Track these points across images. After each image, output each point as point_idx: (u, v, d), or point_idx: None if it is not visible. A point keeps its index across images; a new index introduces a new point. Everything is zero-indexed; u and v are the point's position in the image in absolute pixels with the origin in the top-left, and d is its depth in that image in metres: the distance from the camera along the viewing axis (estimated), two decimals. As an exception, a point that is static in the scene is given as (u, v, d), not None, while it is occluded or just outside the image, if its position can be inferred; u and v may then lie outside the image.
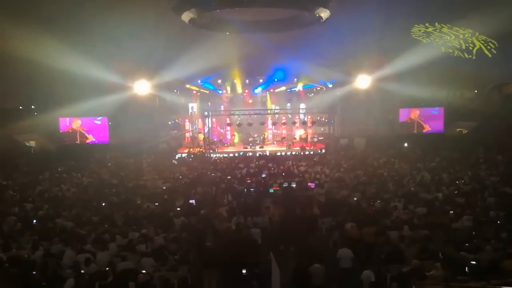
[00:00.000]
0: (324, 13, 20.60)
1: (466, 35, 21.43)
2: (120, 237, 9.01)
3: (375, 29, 20.51)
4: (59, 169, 19.23)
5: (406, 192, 12.92)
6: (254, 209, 11.37)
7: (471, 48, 21.88)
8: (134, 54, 22.11)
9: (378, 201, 11.95)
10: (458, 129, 26.74)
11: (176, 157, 24.55)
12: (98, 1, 17.65)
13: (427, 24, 21.59)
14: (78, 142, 25.31)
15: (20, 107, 26.34)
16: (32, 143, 25.54)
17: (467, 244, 7.91)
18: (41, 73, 20.43)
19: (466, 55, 22.25)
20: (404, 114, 26.60)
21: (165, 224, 10.08)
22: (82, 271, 7.31)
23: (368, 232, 9.03)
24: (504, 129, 21.92)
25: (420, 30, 21.91)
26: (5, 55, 18.29)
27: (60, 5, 17.34)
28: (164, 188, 15.24)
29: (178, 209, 11.77)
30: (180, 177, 17.42)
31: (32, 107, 27.06)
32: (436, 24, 21.42)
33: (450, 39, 22.01)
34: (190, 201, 12.59)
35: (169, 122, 30.79)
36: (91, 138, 25.60)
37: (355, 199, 12.46)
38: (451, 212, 10.35)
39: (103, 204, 12.53)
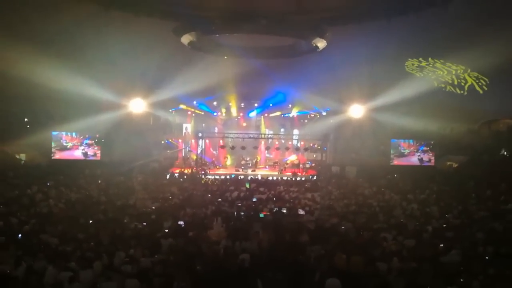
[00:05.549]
0: (321, 43, 21.04)
1: (459, 71, 21.96)
2: (106, 256, 8.85)
3: (368, 60, 20.96)
4: (48, 184, 19.00)
5: (395, 223, 12.92)
6: (243, 233, 11.27)
7: (463, 84, 22.38)
8: (130, 72, 22.29)
9: (367, 231, 11.92)
10: (448, 163, 27.02)
11: (167, 177, 24.43)
12: (94, 20, 17.80)
13: (420, 59, 22.11)
14: (73, 158, 25.19)
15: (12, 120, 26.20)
16: (23, 156, 25.29)
17: (455, 279, 7.88)
18: (35, 89, 20.45)
19: (458, 91, 22.73)
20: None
21: (152, 245, 9.92)
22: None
23: (357, 262, 8.96)
24: (493, 164, 22.20)
25: (413, 64, 22.41)
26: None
27: (56, 25, 17.47)
28: (153, 208, 15.08)
29: (166, 230, 11.62)
30: (170, 197, 17.28)
31: (25, 119, 26.92)
32: (430, 59, 21.95)
33: (443, 74, 22.51)
34: (179, 223, 12.45)
35: (162, 142, 30.75)
36: (87, 155, 25.59)
37: (342, 227, 12.42)
38: (441, 245, 10.34)
39: (90, 221, 12.35)
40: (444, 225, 12.79)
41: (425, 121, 25.30)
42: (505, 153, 23.48)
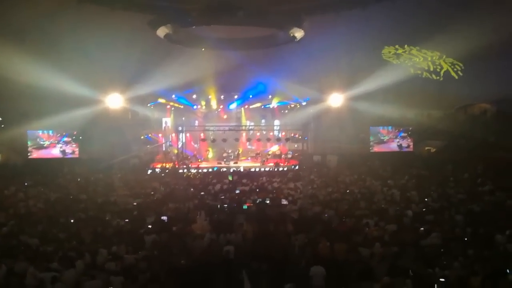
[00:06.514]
0: (298, 33, 21.03)
1: (434, 58, 22.32)
2: (88, 255, 8.72)
3: (346, 49, 21.09)
4: (26, 184, 18.57)
5: (377, 209, 13.11)
6: (227, 225, 11.27)
7: (438, 70, 22.77)
8: (107, 67, 21.78)
9: (350, 218, 12.07)
10: (426, 148, 27.53)
11: (148, 172, 24.18)
12: (68, 13, 17.27)
13: (397, 46, 22.37)
14: (51, 157, 24.67)
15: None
16: (-2, 156, 24.64)
17: (436, 261, 8.07)
18: (7, 86, 19.81)
19: (434, 77, 23.11)
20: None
21: (135, 241, 9.83)
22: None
23: (340, 249, 9.08)
24: (470, 148, 22.74)
25: (390, 52, 22.66)
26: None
27: (28, 17, 16.85)
28: (135, 204, 14.90)
29: (149, 226, 11.51)
30: (152, 193, 17.11)
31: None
32: (406, 46, 22.23)
33: (419, 61, 22.84)
34: (162, 218, 12.35)
35: (142, 137, 30.31)
36: (65, 153, 25.15)
37: (325, 215, 12.55)
38: (421, 229, 10.55)
39: (71, 220, 12.13)
40: (424, 209, 13.06)
41: (403, 108, 25.66)
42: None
